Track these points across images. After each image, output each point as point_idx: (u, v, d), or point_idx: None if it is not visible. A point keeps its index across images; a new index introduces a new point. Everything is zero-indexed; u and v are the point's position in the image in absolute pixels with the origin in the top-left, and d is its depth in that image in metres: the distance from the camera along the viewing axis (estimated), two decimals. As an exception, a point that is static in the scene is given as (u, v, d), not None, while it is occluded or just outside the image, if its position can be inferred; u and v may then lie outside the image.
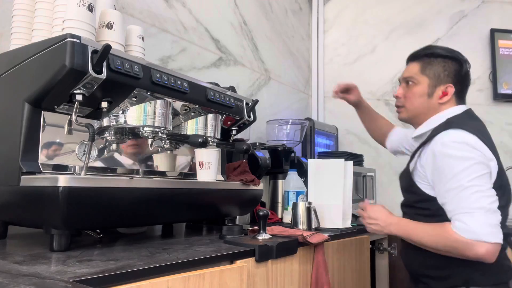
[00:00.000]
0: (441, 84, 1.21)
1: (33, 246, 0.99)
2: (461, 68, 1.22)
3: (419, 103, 1.24)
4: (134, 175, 1.20)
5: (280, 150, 1.91)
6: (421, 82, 1.23)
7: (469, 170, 1.04)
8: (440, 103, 1.22)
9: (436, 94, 1.21)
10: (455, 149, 1.06)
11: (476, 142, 1.07)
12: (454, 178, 1.05)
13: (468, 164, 1.04)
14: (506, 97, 2.76)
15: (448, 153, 1.07)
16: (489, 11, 2.87)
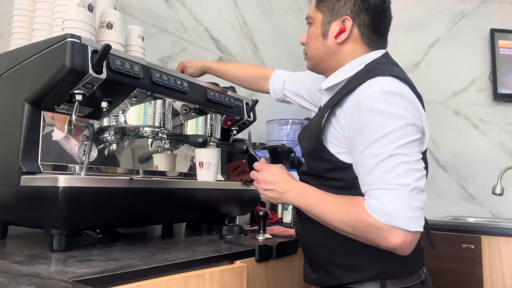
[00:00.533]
0: (336, 18, 0.94)
1: (33, 246, 0.99)
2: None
3: (315, 47, 1.00)
4: (134, 175, 1.20)
5: (280, 150, 1.91)
6: (315, 19, 0.98)
7: (398, 133, 0.79)
8: (338, 43, 0.94)
9: (331, 32, 0.95)
10: (386, 103, 0.81)
11: (411, 94, 0.84)
12: (377, 142, 0.79)
13: (398, 125, 0.79)
14: (506, 97, 2.76)
15: (376, 108, 0.81)
16: (489, 11, 2.86)
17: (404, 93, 0.83)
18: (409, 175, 0.78)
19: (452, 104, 2.79)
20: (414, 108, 0.83)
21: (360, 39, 0.95)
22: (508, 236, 1.85)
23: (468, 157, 2.67)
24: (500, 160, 2.63)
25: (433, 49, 2.84)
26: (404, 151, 0.79)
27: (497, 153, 2.69)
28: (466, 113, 2.76)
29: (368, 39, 0.95)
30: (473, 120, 2.74)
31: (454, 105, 2.78)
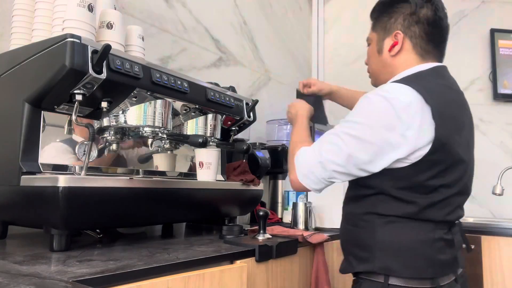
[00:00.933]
0: (388, 35, 1.03)
1: (33, 246, 0.99)
2: (413, 7, 1.01)
3: (373, 63, 1.09)
4: (134, 175, 1.20)
5: (280, 150, 1.91)
6: (372, 39, 1.09)
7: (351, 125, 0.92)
8: (392, 55, 1.02)
9: (385, 47, 1.03)
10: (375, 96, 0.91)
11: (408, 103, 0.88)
12: (342, 123, 0.95)
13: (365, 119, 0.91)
14: (506, 97, 2.76)
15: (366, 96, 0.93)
16: (489, 11, 2.86)
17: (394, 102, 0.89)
18: (332, 152, 0.94)
19: (452, 104, 2.78)
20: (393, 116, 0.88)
21: (413, 49, 1.02)
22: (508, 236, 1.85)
23: (468, 157, 2.66)
24: (500, 160, 2.63)
25: (433, 49, 2.84)
26: (347, 139, 0.92)
27: (497, 153, 2.69)
28: (466, 113, 2.75)
29: (420, 49, 1.02)
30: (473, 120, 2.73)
31: (454, 105, 2.78)
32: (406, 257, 0.92)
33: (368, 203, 0.99)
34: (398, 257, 0.92)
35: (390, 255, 0.93)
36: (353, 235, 1.01)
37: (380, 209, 0.95)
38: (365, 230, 0.98)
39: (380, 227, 0.95)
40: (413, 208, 0.93)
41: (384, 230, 0.94)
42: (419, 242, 0.93)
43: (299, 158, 1.01)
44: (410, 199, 0.92)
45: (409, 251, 0.92)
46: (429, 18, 1.02)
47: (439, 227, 0.94)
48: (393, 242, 0.93)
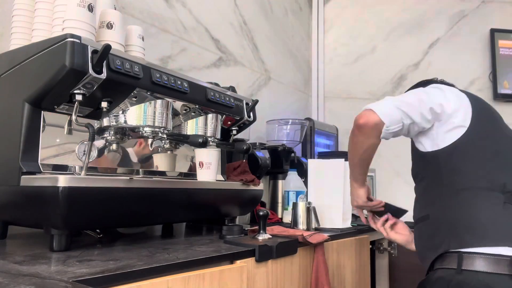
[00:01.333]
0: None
1: (33, 246, 0.99)
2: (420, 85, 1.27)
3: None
4: (134, 175, 1.20)
5: (280, 150, 1.91)
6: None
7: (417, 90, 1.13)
8: None
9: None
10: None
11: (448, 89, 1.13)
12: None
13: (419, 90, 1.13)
14: (506, 97, 2.76)
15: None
16: (489, 11, 2.86)
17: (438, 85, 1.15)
18: (397, 99, 1.09)
19: (452, 104, 2.78)
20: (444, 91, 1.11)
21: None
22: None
23: (468, 157, 2.66)
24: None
25: (433, 49, 2.84)
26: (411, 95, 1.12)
27: (497, 153, 2.69)
28: (466, 113, 2.75)
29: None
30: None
31: (454, 105, 2.78)
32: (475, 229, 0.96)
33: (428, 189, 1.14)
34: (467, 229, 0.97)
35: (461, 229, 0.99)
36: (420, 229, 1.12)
37: (457, 184, 1.05)
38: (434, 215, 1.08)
39: (455, 203, 1.03)
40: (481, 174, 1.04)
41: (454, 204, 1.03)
42: (492, 211, 0.99)
43: (369, 105, 1.09)
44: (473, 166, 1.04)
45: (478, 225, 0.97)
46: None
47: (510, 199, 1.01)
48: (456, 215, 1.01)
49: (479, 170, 1.01)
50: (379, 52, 2.89)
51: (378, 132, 1.07)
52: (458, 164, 1.04)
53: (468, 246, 0.93)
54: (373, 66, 2.88)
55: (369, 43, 2.93)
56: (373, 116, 1.05)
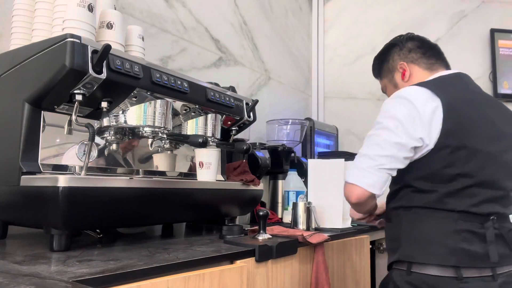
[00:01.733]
0: (394, 71, 1.26)
1: (33, 246, 0.99)
2: (400, 45, 1.24)
3: None
4: (134, 175, 1.20)
5: (280, 150, 1.91)
6: (386, 84, 1.31)
7: (382, 120, 1.05)
8: (406, 81, 1.21)
9: (398, 80, 1.24)
10: (390, 99, 1.08)
11: (418, 94, 1.03)
12: (371, 128, 1.08)
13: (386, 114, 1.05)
14: (506, 97, 2.76)
15: (384, 103, 1.08)
16: (489, 11, 2.86)
17: (408, 95, 1.03)
18: (367, 147, 1.05)
19: (452, 104, 2.78)
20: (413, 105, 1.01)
21: (419, 67, 1.21)
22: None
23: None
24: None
25: (433, 49, 2.84)
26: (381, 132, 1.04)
27: (497, 153, 2.69)
28: (466, 113, 2.75)
29: (425, 64, 1.21)
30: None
31: (454, 105, 2.78)
32: (427, 245, 0.99)
33: (396, 198, 1.09)
34: (419, 245, 1.00)
35: (413, 244, 1.01)
36: (388, 230, 1.13)
37: (405, 202, 1.05)
38: (394, 223, 1.08)
39: (405, 218, 1.05)
40: (433, 197, 1.00)
41: (409, 221, 1.04)
42: (440, 231, 0.99)
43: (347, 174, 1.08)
44: (429, 188, 1.01)
45: (430, 240, 0.99)
46: (417, 45, 1.24)
47: (463, 218, 0.99)
48: (415, 232, 1.02)
49: (433, 193, 1.01)
50: (379, 52, 2.89)
51: (373, 199, 1.09)
52: (415, 183, 1.04)
53: (416, 261, 1.00)
54: (373, 66, 2.88)
55: (369, 43, 2.93)
56: (361, 191, 1.03)
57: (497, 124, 1.07)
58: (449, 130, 0.99)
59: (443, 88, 1.04)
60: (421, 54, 1.22)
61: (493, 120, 1.06)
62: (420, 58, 1.21)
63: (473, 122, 1.02)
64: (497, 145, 1.04)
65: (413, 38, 1.25)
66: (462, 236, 0.98)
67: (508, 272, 1.02)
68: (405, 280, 1.01)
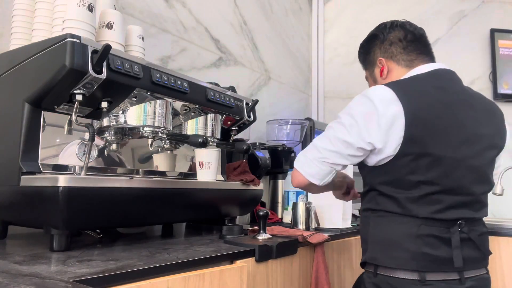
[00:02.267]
0: (375, 66, 1.22)
1: (33, 246, 0.99)
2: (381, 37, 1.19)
3: None
4: (134, 175, 1.20)
5: (280, 150, 1.91)
6: (368, 76, 1.28)
7: (341, 115, 1.05)
8: (384, 78, 1.18)
9: (377, 76, 1.21)
10: (357, 96, 1.06)
11: (382, 96, 1.00)
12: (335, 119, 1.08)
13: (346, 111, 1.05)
14: (506, 97, 2.75)
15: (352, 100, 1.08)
16: (489, 11, 2.86)
17: (371, 96, 1.02)
18: (318, 139, 1.07)
19: (452, 104, 2.78)
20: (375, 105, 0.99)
21: (398, 65, 1.17)
22: (508, 236, 1.85)
23: (468, 157, 2.66)
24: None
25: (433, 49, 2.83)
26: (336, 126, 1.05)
27: (497, 153, 2.69)
28: (466, 113, 2.75)
29: (404, 62, 1.16)
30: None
31: (454, 105, 2.78)
32: (391, 249, 1.00)
33: (365, 200, 1.10)
34: (384, 249, 1.02)
35: (378, 247, 1.03)
36: (360, 231, 1.13)
37: (372, 205, 1.06)
38: (363, 225, 1.10)
39: (372, 221, 1.06)
40: (396, 202, 1.01)
41: (375, 224, 1.05)
42: (403, 236, 0.99)
43: (296, 158, 1.11)
44: (392, 194, 1.01)
45: (393, 244, 1.00)
46: (400, 37, 1.17)
47: (427, 223, 0.99)
48: (380, 235, 1.03)
49: (397, 198, 1.01)
50: (379, 52, 2.89)
51: (314, 187, 1.11)
52: (380, 187, 1.04)
53: (381, 264, 1.02)
54: (373, 66, 2.88)
55: (369, 43, 2.93)
56: (301, 178, 1.07)
57: (470, 127, 1.03)
58: (411, 137, 0.97)
59: (412, 92, 1.02)
60: (401, 49, 1.16)
61: (465, 124, 1.03)
62: (400, 54, 1.16)
63: (439, 128, 0.99)
64: (466, 150, 1.01)
65: (397, 26, 1.18)
66: (424, 240, 0.98)
67: (478, 276, 1.02)
68: (372, 282, 1.03)
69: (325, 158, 1.04)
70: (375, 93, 1.01)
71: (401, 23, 1.19)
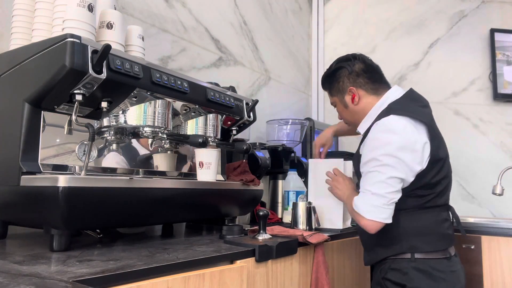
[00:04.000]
0: (344, 93, 1.36)
1: (33, 246, 0.99)
2: (347, 69, 1.35)
3: (347, 115, 1.40)
4: (134, 175, 1.20)
5: (280, 150, 1.91)
6: (336, 101, 1.41)
7: (381, 158, 1.18)
8: (356, 104, 1.35)
9: (348, 102, 1.36)
10: (379, 133, 1.21)
11: (403, 126, 1.19)
12: (368, 162, 1.21)
13: (383, 152, 1.18)
14: (506, 97, 2.76)
15: (374, 137, 1.22)
16: (489, 11, 2.86)
17: (394, 127, 1.20)
18: (376, 186, 1.18)
19: (452, 104, 2.79)
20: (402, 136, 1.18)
21: (367, 93, 1.34)
22: (508, 236, 1.85)
23: (468, 157, 2.67)
24: (500, 160, 2.63)
25: (433, 49, 2.84)
26: (381, 169, 1.18)
27: (497, 153, 2.69)
28: (466, 113, 2.76)
29: (372, 90, 1.34)
30: (473, 120, 2.74)
31: (454, 105, 2.78)
32: (425, 236, 1.22)
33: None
34: (419, 237, 1.22)
35: (414, 237, 1.22)
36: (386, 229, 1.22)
37: (402, 205, 1.22)
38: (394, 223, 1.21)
39: (403, 218, 1.23)
40: (424, 199, 1.23)
41: (406, 220, 1.23)
42: (433, 224, 1.24)
43: (355, 205, 1.23)
44: (422, 193, 1.23)
45: (426, 231, 1.23)
46: (363, 68, 1.35)
47: (442, 210, 1.28)
48: (414, 227, 1.23)
49: (427, 196, 1.24)
50: (379, 52, 2.89)
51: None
52: (413, 192, 1.23)
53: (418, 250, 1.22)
54: (373, 66, 2.88)
55: (369, 43, 2.93)
56: (379, 225, 1.20)
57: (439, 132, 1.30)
58: (433, 149, 1.21)
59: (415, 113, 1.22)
60: (367, 79, 1.34)
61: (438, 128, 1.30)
62: (366, 83, 1.33)
63: (439, 135, 1.27)
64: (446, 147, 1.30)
65: (359, 60, 1.37)
66: (444, 224, 1.26)
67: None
68: (412, 266, 1.21)
69: (392, 199, 1.18)
70: (395, 125, 1.19)
71: (361, 56, 1.38)
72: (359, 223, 1.23)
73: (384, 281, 1.25)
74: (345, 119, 1.43)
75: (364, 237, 1.34)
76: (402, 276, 1.21)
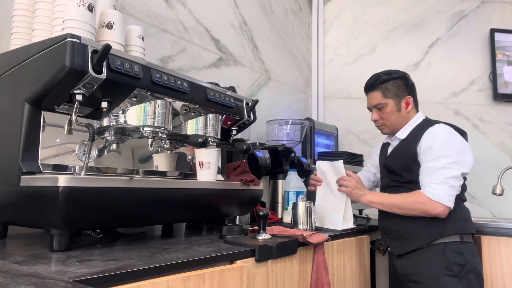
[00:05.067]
0: (402, 99, 1.58)
1: (33, 246, 0.99)
2: (408, 81, 1.61)
3: (395, 118, 1.59)
4: (134, 175, 1.20)
5: (280, 150, 1.91)
6: (388, 103, 1.58)
7: (450, 156, 1.43)
8: (408, 111, 1.59)
9: (403, 107, 1.58)
10: (444, 135, 1.47)
11: (455, 133, 1.50)
12: (439, 159, 1.43)
13: (450, 151, 1.43)
14: (506, 97, 2.76)
15: (438, 140, 1.46)
16: (489, 11, 2.87)
17: (452, 132, 1.50)
18: (451, 180, 1.42)
19: (452, 104, 2.79)
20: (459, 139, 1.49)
21: (414, 105, 1.61)
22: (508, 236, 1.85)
23: (468, 157, 2.66)
24: (500, 160, 2.63)
25: (433, 49, 2.84)
26: (452, 166, 1.43)
27: (497, 153, 2.69)
28: (466, 113, 2.76)
29: (415, 105, 1.62)
30: (473, 120, 2.74)
31: (454, 105, 2.78)
32: (467, 221, 1.50)
33: None
34: (464, 222, 1.48)
35: (460, 221, 1.47)
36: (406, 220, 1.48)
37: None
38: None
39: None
40: (462, 192, 1.50)
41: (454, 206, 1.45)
42: (467, 211, 1.54)
43: (433, 194, 1.41)
44: (462, 187, 1.49)
45: (467, 217, 1.51)
46: (413, 84, 1.63)
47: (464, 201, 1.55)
48: (459, 212, 1.48)
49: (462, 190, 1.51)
50: (379, 52, 2.89)
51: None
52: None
53: (465, 232, 1.48)
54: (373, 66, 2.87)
55: (369, 43, 2.93)
56: (447, 210, 1.42)
57: None
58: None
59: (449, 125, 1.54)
60: (415, 95, 1.62)
61: None
62: (415, 98, 1.62)
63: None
64: None
65: (407, 75, 1.64)
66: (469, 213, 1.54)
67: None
68: (465, 248, 1.43)
69: (459, 191, 1.45)
70: (452, 130, 1.50)
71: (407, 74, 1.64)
72: (433, 211, 1.40)
73: (449, 264, 1.42)
74: (389, 121, 1.59)
75: (405, 226, 1.49)
76: (459, 256, 1.42)
